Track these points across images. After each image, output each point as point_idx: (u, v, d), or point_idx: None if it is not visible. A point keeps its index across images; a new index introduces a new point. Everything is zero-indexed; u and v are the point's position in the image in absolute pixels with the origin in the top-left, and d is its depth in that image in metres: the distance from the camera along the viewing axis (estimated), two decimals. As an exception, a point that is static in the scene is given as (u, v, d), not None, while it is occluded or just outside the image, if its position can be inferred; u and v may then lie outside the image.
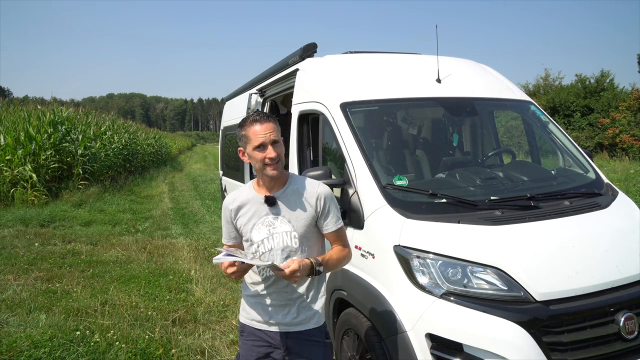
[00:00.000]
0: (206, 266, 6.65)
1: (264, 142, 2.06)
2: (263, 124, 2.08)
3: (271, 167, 2.09)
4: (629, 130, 20.91)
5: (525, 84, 32.22)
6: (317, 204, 2.16)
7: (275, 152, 2.07)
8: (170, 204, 13.07)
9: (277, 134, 2.10)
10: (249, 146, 2.12)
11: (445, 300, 2.44)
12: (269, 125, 2.08)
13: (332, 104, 3.40)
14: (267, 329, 2.20)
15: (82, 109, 18.22)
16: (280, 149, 2.10)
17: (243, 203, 2.21)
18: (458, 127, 4.15)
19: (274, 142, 2.08)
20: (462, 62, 4.38)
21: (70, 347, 3.83)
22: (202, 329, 4.39)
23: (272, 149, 2.07)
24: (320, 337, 2.22)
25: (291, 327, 2.17)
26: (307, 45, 4.07)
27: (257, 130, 2.07)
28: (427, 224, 2.71)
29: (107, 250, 7.52)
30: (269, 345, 2.20)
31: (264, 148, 2.07)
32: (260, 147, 2.08)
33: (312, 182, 2.23)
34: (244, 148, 2.17)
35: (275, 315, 2.18)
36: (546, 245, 2.61)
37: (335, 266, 2.24)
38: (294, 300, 2.17)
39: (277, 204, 2.15)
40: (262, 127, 2.07)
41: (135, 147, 21.49)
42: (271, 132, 2.07)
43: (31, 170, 11.57)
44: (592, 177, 3.57)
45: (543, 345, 2.28)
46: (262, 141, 2.06)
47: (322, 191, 2.19)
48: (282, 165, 2.14)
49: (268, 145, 2.07)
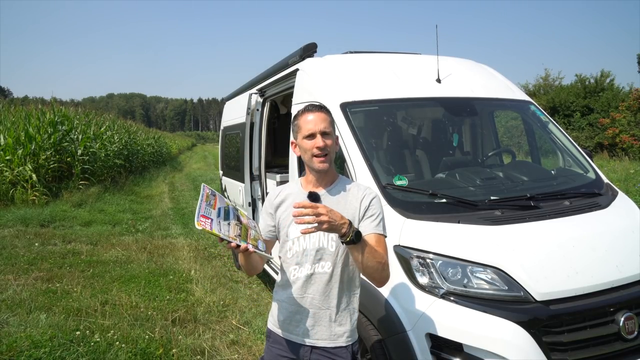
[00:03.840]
0: (206, 266, 6.65)
1: (314, 131, 2.00)
2: (315, 114, 2.03)
3: (319, 158, 2.00)
4: (628, 130, 20.91)
5: (525, 84, 32.27)
6: (362, 206, 2.03)
7: (323, 142, 1.99)
8: (170, 203, 13.07)
9: (328, 126, 2.03)
10: (299, 135, 2.06)
11: (445, 300, 2.44)
12: (321, 115, 2.03)
13: (332, 104, 3.40)
14: (292, 339, 2.08)
15: (82, 109, 18.22)
16: (330, 141, 2.02)
17: (287, 196, 2.13)
18: (458, 127, 4.15)
19: (324, 133, 2.00)
20: (462, 62, 4.38)
21: (70, 347, 3.82)
22: (202, 329, 4.39)
23: (320, 138, 2.00)
24: (347, 356, 2.04)
25: (318, 341, 2.03)
26: (307, 45, 4.07)
27: (309, 119, 2.02)
28: (427, 224, 2.71)
29: (107, 250, 7.52)
30: (292, 358, 2.08)
31: (312, 137, 2.01)
32: (309, 136, 2.01)
33: (360, 186, 2.13)
34: (295, 139, 2.10)
35: (302, 325, 2.05)
36: (546, 245, 2.61)
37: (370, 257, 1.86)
38: (323, 312, 2.03)
39: (319, 201, 2.03)
40: (314, 117, 2.02)
41: (135, 147, 21.50)
42: (322, 122, 2.02)
43: (31, 170, 11.56)
44: (592, 177, 3.57)
45: (543, 345, 2.28)
46: (312, 130, 2.00)
47: (369, 193, 2.08)
48: (331, 160, 2.05)
49: (317, 134, 2.00)
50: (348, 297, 2.07)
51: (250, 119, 5.39)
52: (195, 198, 14.22)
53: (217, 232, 1.73)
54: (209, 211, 1.81)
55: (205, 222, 1.73)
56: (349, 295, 2.07)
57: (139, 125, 31.68)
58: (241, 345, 4.11)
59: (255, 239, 1.94)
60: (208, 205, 1.83)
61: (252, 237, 1.93)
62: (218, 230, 1.75)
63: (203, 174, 21.59)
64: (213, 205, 1.86)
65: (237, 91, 6.92)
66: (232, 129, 6.56)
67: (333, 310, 2.03)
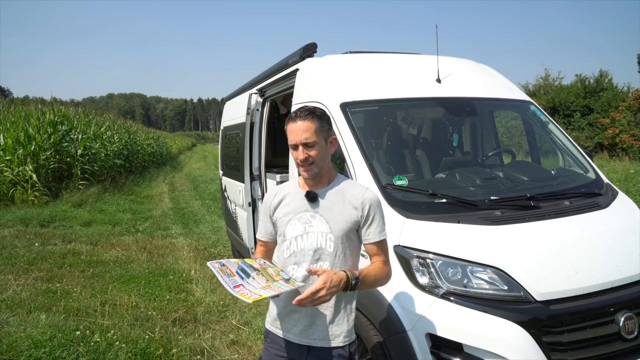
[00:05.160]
0: (206, 266, 6.63)
1: (296, 142, 1.97)
2: (298, 123, 1.96)
3: (303, 168, 1.99)
4: (628, 130, 20.90)
5: (525, 84, 32.29)
6: (361, 209, 2.01)
7: (304, 154, 1.95)
8: (170, 204, 13.07)
9: (312, 135, 1.95)
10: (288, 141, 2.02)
11: (445, 300, 2.44)
12: (304, 124, 1.95)
13: (332, 104, 3.40)
14: (289, 339, 2.06)
15: (81, 109, 18.22)
16: (313, 152, 1.96)
17: (284, 196, 2.12)
18: (458, 127, 4.15)
19: (306, 144, 1.95)
20: (462, 62, 4.38)
21: (70, 347, 3.82)
22: (202, 329, 4.38)
23: (302, 150, 1.95)
24: (345, 357, 2.03)
25: (315, 342, 2.02)
26: (307, 45, 4.06)
27: (291, 129, 1.98)
28: (427, 224, 2.71)
29: (107, 250, 7.52)
30: (290, 358, 2.07)
31: (295, 148, 1.98)
32: (293, 147, 1.99)
33: (359, 186, 2.11)
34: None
35: (299, 325, 2.03)
36: (546, 245, 2.61)
37: (372, 285, 2.03)
38: (320, 313, 2.02)
39: (317, 200, 2.03)
40: (297, 127, 1.96)
41: (135, 147, 21.51)
42: (304, 132, 1.94)
43: (31, 170, 11.57)
44: (592, 177, 3.57)
45: (543, 345, 2.28)
46: (294, 142, 1.98)
47: (368, 197, 2.03)
48: (321, 166, 2.01)
49: (299, 146, 1.96)
50: (346, 298, 2.06)
51: (250, 119, 5.38)
52: (195, 198, 14.22)
53: (267, 295, 1.76)
54: (234, 281, 1.84)
55: (245, 291, 1.75)
56: (347, 295, 2.06)
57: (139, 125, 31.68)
58: (241, 345, 4.11)
59: (277, 273, 1.95)
60: (228, 276, 1.86)
61: (273, 274, 1.94)
62: (262, 293, 1.76)
63: (203, 174, 21.59)
64: (231, 273, 1.89)
65: (237, 91, 6.91)
66: (232, 129, 6.56)
67: (330, 310, 2.02)
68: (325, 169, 2.06)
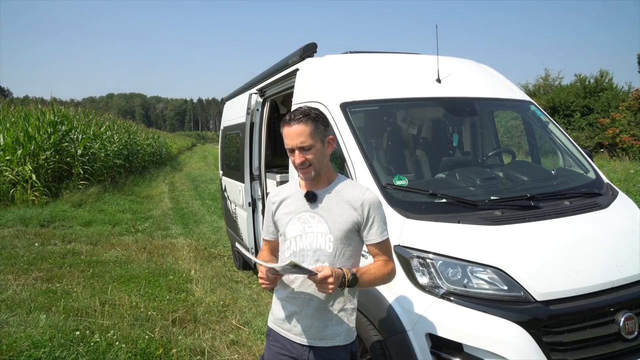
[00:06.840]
0: (206, 266, 6.65)
1: (291, 146, 1.97)
2: (293, 126, 1.96)
3: (301, 170, 2.00)
4: (629, 130, 20.89)
5: (525, 84, 32.23)
6: (361, 210, 2.01)
7: (301, 158, 1.96)
8: (170, 204, 13.07)
9: (307, 138, 1.95)
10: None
11: (445, 300, 2.44)
12: (299, 127, 1.95)
13: (332, 104, 3.40)
14: (291, 338, 2.07)
15: (81, 109, 18.22)
16: (309, 155, 1.96)
17: (286, 196, 2.13)
18: (458, 127, 4.15)
19: (302, 148, 1.95)
20: (462, 62, 4.38)
21: (70, 347, 3.82)
22: (202, 329, 4.38)
23: (298, 154, 1.96)
24: (346, 356, 2.05)
25: (316, 341, 2.02)
26: (307, 45, 4.06)
27: (286, 133, 1.98)
28: (427, 224, 2.71)
29: (107, 250, 7.52)
30: (291, 356, 2.07)
31: (292, 152, 1.99)
32: (290, 150, 2.00)
33: (359, 187, 2.10)
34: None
35: (301, 324, 2.04)
36: (546, 245, 2.61)
37: (373, 282, 2.05)
38: (321, 311, 2.02)
39: (317, 201, 2.04)
40: (291, 130, 1.96)
41: (135, 147, 21.50)
42: (299, 136, 1.94)
43: (31, 170, 11.57)
44: (592, 177, 3.57)
45: (543, 345, 2.28)
46: (289, 146, 1.98)
47: (368, 198, 2.03)
48: (319, 167, 2.02)
49: (295, 149, 1.97)
50: (347, 297, 2.06)
51: (250, 119, 5.38)
52: (195, 198, 14.25)
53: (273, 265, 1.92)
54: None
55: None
56: (347, 295, 2.06)
57: (138, 125, 31.67)
58: (241, 345, 4.11)
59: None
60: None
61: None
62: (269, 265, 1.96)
63: (203, 174, 21.59)
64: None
65: (237, 91, 6.91)
66: (232, 129, 6.55)
67: (331, 310, 2.03)
68: (324, 170, 2.06)
